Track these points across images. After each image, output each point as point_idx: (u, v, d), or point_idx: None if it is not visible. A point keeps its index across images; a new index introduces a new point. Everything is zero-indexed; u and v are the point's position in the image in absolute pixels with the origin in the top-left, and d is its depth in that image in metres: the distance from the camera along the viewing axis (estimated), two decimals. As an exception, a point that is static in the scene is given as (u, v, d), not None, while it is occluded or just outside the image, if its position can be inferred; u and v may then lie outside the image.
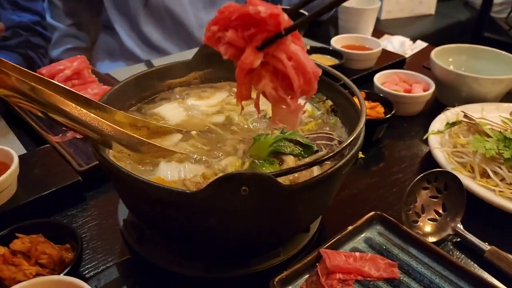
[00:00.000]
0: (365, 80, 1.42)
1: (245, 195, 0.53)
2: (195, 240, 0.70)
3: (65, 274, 0.66)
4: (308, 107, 0.90)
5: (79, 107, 0.64)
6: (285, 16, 0.51)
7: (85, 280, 0.74)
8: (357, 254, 0.73)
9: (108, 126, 0.67)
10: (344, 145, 0.60)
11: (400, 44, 1.78)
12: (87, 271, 0.77)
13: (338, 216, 0.90)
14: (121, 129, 0.69)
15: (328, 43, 1.59)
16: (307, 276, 0.71)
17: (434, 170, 0.85)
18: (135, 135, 0.71)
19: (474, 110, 1.11)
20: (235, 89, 0.95)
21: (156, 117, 0.87)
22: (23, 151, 1.06)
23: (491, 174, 0.92)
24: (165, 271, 0.74)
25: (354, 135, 0.62)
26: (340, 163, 0.62)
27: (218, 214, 0.60)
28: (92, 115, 0.66)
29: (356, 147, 0.65)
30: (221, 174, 0.67)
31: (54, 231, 0.74)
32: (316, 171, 0.70)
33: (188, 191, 0.57)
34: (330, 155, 0.59)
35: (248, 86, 0.57)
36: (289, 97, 0.56)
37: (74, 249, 0.73)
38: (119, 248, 0.81)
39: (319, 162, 0.59)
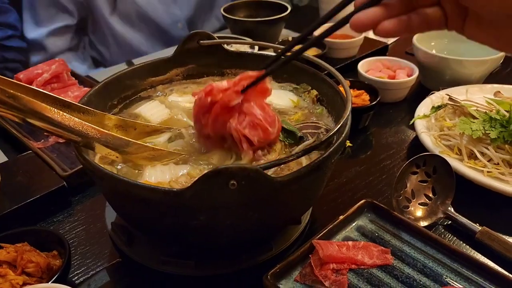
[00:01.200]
0: (349, 68, 1.42)
1: (234, 189, 0.52)
2: (185, 239, 0.69)
3: (53, 282, 0.64)
4: (294, 97, 0.90)
5: (61, 112, 0.62)
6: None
7: (75, 286, 0.72)
8: (350, 243, 0.73)
9: (94, 129, 0.65)
10: (332, 132, 0.59)
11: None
12: (76, 277, 0.75)
13: (328, 206, 0.90)
14: (107, 131, 0.67)
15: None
16: (300, 268, 0.70)
17: (423, 154, 0.85)
18: (122, 136, 0.69)
19: (459, 93, 1.12)
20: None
21: (139, 118, 0.85)
22: (4, 159, 1.04)
23: (478, 155, 0.92)
24: (157, 271, 0.73)
25: (342, 121, 0.61)
26: (329, 151, 0.61)
27: (207, 210, 0.59)
28: (76, 119, 0.64)
29: (343, 135, 0.65)
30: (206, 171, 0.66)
31: (40, 239, 0.72)
32: (304, 161, 0.69)
33: (175, 189, 0.56)
34: (319, 142, 0.59)
35: None
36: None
37: (61, 255, 0.71)
38: (108, 252, 0.80)
39: (308, 151, 0.58)
